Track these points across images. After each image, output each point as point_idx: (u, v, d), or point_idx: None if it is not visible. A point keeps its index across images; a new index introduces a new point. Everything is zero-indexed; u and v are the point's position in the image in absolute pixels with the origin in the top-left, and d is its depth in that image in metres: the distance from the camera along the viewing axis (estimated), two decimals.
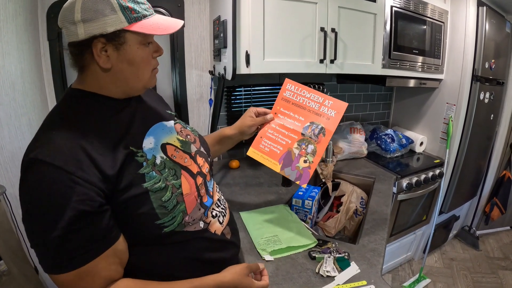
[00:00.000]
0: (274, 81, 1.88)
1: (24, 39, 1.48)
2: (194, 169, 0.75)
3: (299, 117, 1.01)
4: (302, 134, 0.99)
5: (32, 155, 0.56)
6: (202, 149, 0.84)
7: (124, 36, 0.62)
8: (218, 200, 0.86)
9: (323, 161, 1.65)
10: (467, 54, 1.94)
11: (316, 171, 1.71)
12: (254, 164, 1.83)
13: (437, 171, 2.01)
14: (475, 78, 1.97)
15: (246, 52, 1.29)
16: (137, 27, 0.62)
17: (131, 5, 0.61)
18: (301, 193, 1.43)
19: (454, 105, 2.03)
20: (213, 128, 1.57)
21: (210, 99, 1.63)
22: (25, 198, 0.56)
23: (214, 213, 0.80)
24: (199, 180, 0.76)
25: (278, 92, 1.06)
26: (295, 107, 1.02)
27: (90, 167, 0.58)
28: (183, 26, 0.71)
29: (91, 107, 0.65)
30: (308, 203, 1.38)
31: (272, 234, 1.12)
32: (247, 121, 1.03)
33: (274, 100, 1.09)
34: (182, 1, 1.62)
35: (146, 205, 0.63)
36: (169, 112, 0.85)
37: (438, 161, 2.06)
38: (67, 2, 0.61)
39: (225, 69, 1.38)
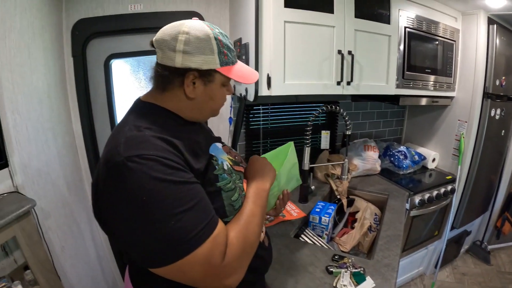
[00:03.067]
0: (291, 100, 1.94)
1: (50, 55, 1.54)
2: None
3: None
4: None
5: (128, 154, 0.58)
6: None
7: (214, 75, 0.71)
8: None
9: (339, 178, 1.69)
10: (478, 72, 1.98)
11: (331, 187, 1.75)
12: None
13: (449, 187, 2.03)
14: (486, 95, 2.01)
15: (268, 75, 1.34)
16: (226, 71, 0.71)
17: (226, 50, 0.70)
18: (318, 209, 1.48)
19: (466, 122, 2.06)
20: (234, 146, 1.62)
21: (230, 118, 1.68)
22: (136, 192, 0.56)
23: None
24: None
25: (295, 111, 1.71)
26: None
27: (183, 159, 0.64)
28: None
29: (167, 119, 0.72)
30: (325, 219, 1.43)
31: None
32: None
33: (291, 118, 1.85)
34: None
35: (218, 201, 0.70)
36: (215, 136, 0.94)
37: (450, 177, 2.09)
38: (170, 28, 0.68)
39: (246, 90, 1.43)
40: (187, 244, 0.57)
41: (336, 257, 1.15)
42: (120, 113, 1.88)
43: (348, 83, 1.53)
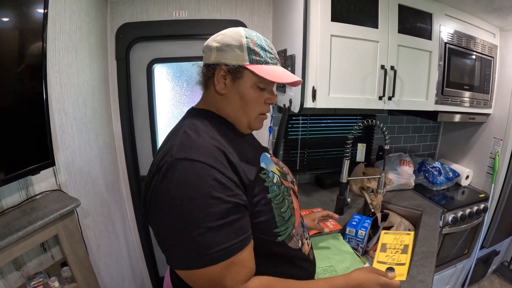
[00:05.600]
0: (330, 112, 1.94)
1: (95, 57, 1.58)
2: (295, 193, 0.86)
3: None
4: None
5: (179, 156, 0.61)
6: (294, 180, 0.93)
7: (243, 72, 0.72)
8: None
9: (373, 191, 1.69)
10: None
11: (365, 200, 1.75)
12: (307, 190, 1.90)
13: (482, 206, 2.00)
14: None
15: (313, 87, 1.36)
16: (255, 68, 0.71)
17: (257, 49, 0.72)
18: (354, 223, 1.47)
19: (501, 140, 2.03)
20: (275, 154, 1.64)
21: (270, 127, 1.70)
22: (174, 194, 0.59)
23: (306, 236, 0.89)
24: (298, 202, 0.86)
25: (332, 122, 2.01)
26: None
27: (232, 171, 0.65)
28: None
29: (221, 126, 0.75)
30: (361, 233, 1.43)
31: (328, 265, 1.16)
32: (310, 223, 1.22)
33: (329, 130, 2.07)
34: None
35: (269, 213, 0.71)
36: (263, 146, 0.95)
37: (483, 195, 2.05)
38: (213, 35, 0.75)
39: (290, 101, 1.45)
40: (203, 258, 0.58)
41: None
42: (161, 117, 1.91)
43: (390, 98, 1.53)
